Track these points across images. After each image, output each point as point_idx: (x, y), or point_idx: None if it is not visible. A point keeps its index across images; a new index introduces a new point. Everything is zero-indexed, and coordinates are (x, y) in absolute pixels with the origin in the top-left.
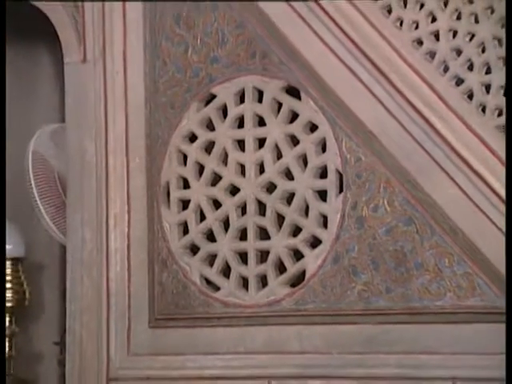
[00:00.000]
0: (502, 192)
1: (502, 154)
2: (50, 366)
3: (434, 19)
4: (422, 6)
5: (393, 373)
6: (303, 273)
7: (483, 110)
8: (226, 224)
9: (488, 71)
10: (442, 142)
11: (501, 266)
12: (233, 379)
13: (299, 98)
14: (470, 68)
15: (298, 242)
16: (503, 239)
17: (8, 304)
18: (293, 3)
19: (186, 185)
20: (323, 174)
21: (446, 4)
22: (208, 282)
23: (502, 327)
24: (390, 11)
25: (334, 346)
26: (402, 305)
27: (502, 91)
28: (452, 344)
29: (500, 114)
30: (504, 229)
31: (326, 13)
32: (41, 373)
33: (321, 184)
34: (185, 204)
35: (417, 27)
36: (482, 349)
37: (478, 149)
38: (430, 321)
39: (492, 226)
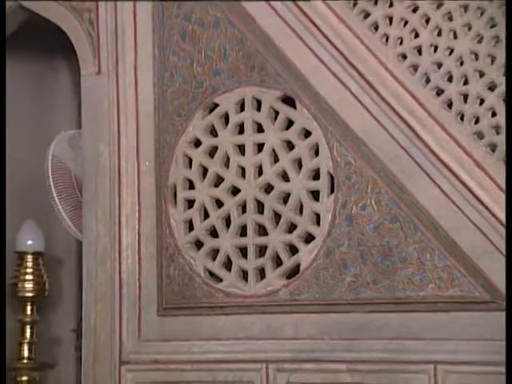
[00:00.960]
0: (478, 191)
1: (478, 157)
2: (68, 351)
3: (416, 35)
4: (405, 23)
5: (379, 357)
6: (298, 266)
7: (461, 118)
8: (228, 221)
9: (466, 82)
10: (424, 147)
11: (477, 259)
12: (234, 362)
13: (294, 106)
14: (450, 80)
15: (293, 237)
16: (480, 235)
17: (29, 294)
18: (288, 20)
19: (191, 186)
20: (316, 176)
21: (427, 21)
22: (211, 274)
23: (479, 315)
24: (376, 28)
25: (326, 332)
26: (387, 295)
27: (478, 101)
28: (433, 331)
29: (477, 122)
30: (482, 226)
31: (319, 29)
32: (59, 357)
33: (314, 185)
34: (190, 203)
35: (401, 43)
36: (460, 335)
37: (457, 153)
38: (414, 309)
39: (469, 222)
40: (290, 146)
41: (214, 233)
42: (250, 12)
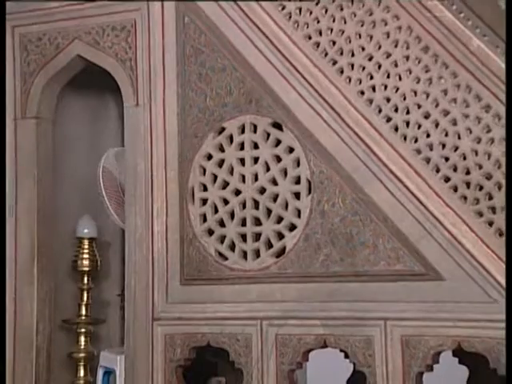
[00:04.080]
0: (417, 193)
1: (417, 167)
2: (114, 310)
3: (371, 78)
4: (363, 68)
5: (344, 315)
6: (284, 248)
7: (405, 139)
8: (232, 215)
9: (407, 113)
10: (377, 160)
11: (416, 242)
12: (237, 319)
13: (282, 130)
14: (396, 110)
15: (281, 227)
16: (417, 224)
17: (86, 269)
18: (276, 66)
19: (204, 189)
20: (298, 181)
21: (379, 67)
22: (220, 254)
23: (417, 284)
24: (342, 72)
25: (305, 297)
26: (350, 269)
27: (417, 126)
28: (384, 296)
29: (416, 141)
30: (419, 218)
31: (299, 72)
32: (108, 315)
33: (296, 188)
34: (204, 201)
35: (360, 83)
36: (404, 299)
37: (402, 165)
38: (370, 280)
39: (410, 215)
40: (279, 159)
41: (222, 223)
42: (248, 60)
